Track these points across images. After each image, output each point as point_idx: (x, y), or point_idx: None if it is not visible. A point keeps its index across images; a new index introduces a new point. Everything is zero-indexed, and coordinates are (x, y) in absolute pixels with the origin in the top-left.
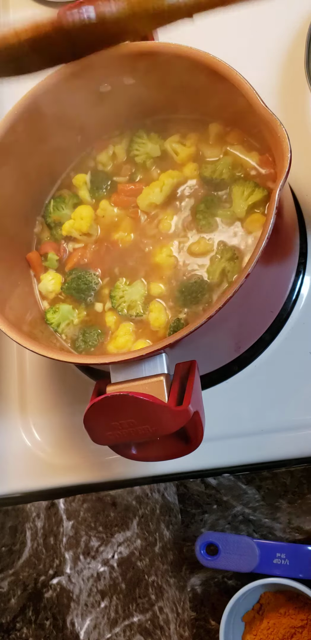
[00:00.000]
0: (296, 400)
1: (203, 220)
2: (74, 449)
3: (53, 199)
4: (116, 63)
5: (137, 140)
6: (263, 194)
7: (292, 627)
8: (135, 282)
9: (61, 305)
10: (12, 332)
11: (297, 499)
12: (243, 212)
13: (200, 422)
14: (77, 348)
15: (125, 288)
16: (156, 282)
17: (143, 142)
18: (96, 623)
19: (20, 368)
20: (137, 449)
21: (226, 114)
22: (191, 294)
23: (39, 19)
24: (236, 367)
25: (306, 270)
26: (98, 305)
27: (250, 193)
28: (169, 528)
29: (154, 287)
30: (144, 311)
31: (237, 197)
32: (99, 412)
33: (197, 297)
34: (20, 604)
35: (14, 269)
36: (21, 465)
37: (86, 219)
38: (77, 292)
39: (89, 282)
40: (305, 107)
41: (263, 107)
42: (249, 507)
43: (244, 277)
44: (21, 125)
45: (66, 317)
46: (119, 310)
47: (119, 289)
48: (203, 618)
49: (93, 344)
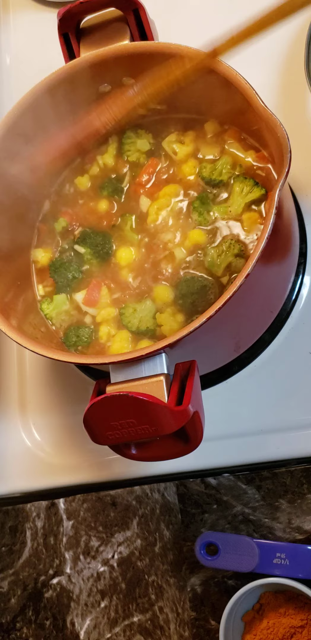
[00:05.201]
0: (296, 400)
1: (199, 217)
2: (74, 449)
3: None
4: (116, 63)
5: (127, 141)
6: (261, 192)
7: (292, 627)
8: (143, 299)
9: (55, 296)
10: (12, 332)
11: (297, 499)
12: (239, 209)
13: (200, 422)
14: (68, 338)
15: (134, 305)
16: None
17: (132, 141)
18: (96, 623)
19: (20, 368)
20: (137, 449)
21: (223, 113)
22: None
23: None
24: (236, 367)
25: (306, 270)
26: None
27: (249, 191)
28: (169, 528)
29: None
30: (154, 327)
31: (236, 195)
32: (99, 412)
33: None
34: (20, 604)
35: (14, 268)
36: (21, 465)
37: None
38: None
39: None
40: (305, 107)
41: (263, 107)
42: (249, 507)
43: (243, 277)
44: (22, 125)
45: (59, 306)
46: (129, 327)
47: (129, 307)
48: (203, 618)
49: (87, 340)
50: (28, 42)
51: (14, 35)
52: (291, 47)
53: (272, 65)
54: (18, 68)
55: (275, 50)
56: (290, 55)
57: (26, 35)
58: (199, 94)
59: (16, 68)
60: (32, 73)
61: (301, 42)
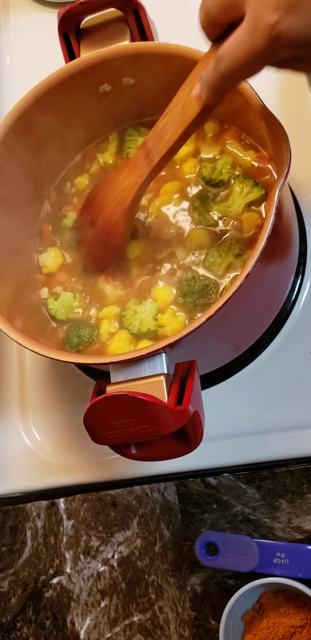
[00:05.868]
0: (295, 400)
1: (199, 217)
2: (74, 448)
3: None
4: (116, 63)
5: (128, 138)
6: (261, 192)
7: (292, 627)
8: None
9: (62, 293)
10: (12, 332)
11: (297, 498)
12: (239, 210)
13: (200, 422)
14: (69, 339)
15: (135, 307)
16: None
17: (134, 138)
18: (96, 622)
19: (20, 368)
20: (137, 449)
21: (223, 113)
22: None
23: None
24: (236, 367)
25: (306, 270)
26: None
27: (249, 191)
28: (169, 528)
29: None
30: (156, 328)
31: (236, 195)
32: (99, 412)
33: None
34: (20, 604)
35: (14, 269)
36: (21, 465)
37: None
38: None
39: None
40: (305, 107)
41: (263, 107)
42: (249, 506)
43: (243, 277)
44: (22, 125)
45: (66, 305)
46: (130, 329)
47: (130, 309)
48: (202, 617)
49: (88, 340)
50: (28, 42)
51: (14, 35)
52: None
53: None
54: (18, 68)
55: None
56: None
57: (26, 35)
58: None
59: (16, 68)
60: (32, 73)
61: None
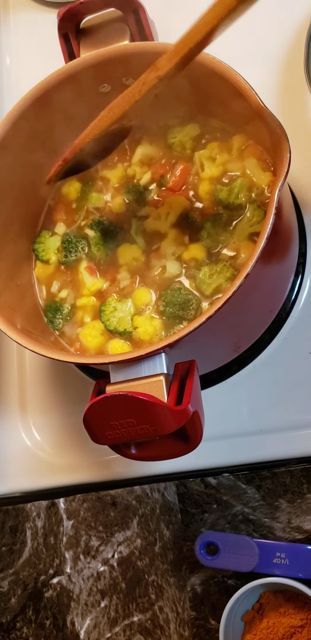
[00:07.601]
0: (295, 400)
1: (207, 238)
2: (74, 448)
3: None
4: (116, 64)
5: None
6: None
7: (292, 627)
8: (125, 299)
9: (49, 238)
10: (12, 333)
11: (297, 498)
12: (242, 237)
13: (199, 422)
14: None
15: (116, 304)
16: (144, 289)
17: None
18: (96, 622)
19: (20, 368)
20: (137, 449)
21: (224, 114)
22: (175, 305)
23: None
24: (236, 366)
25: (306, 270)
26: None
27: (257, 222)
28: (169, 527)
29: (141, 294)
30: (132, 329)
31: (245, 219)
32: (99, 412)
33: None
34: (20, 604)
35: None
36: (21, 465)
37: None
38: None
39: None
40: (305, 107)
41: (263, 107)
42: (249, 506)
43: (243, 277)
44: (22, 125)
45: (50, 248)
46: (107, 325)
47: (110, 304)
48: (202, 617)
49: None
50: (28, 42)
51: (14, 35)
52: (291, 47)
53: (272, 65)
54: (18, 68)
55: (274, 50)
56: (290, 55)
57: (26, 35)
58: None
59: (16, 68)
60: (32, 73)
61: (301, 42)
